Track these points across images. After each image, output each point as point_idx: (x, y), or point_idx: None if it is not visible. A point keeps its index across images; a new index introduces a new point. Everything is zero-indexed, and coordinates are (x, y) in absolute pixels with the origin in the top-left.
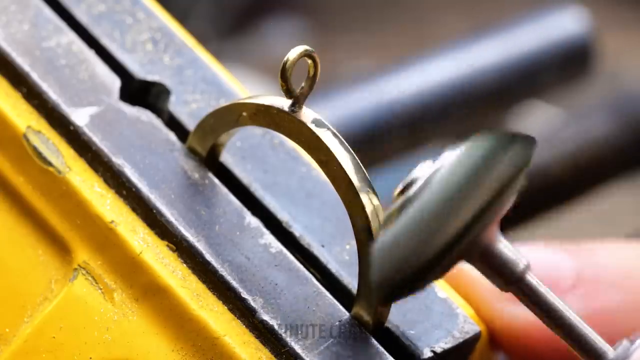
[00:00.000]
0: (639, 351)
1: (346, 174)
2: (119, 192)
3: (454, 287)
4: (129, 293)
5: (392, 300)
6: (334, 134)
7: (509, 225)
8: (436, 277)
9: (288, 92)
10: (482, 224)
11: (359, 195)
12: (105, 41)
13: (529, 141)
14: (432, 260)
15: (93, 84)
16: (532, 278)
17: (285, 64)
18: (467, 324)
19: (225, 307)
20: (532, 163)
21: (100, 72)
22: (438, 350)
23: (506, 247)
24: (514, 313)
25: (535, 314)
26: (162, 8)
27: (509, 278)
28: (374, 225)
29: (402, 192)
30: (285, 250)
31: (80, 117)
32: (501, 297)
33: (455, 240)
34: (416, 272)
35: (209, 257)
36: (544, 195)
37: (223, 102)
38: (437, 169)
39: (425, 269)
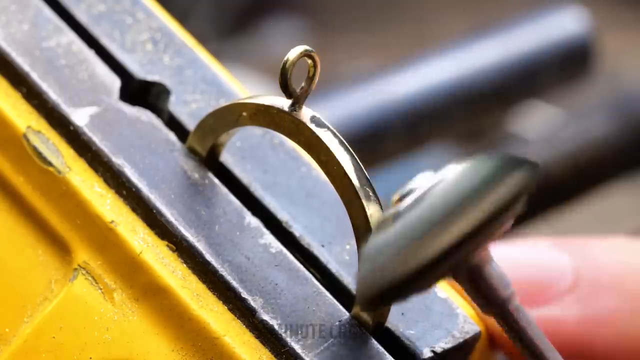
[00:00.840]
0: None
1: (346, 174)
2: (119, 192)
3: (454, 287)
4: (129, 293)
5: (374, 308)
6: (334, 134)
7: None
8: (421, 290)
9: (288, 92)
10: (472, 244)
11: (359, 195)
12: (105, 41)
13: (533, 167)
14: (416, 273)
15: (93, 84)
16: (515, 306)
17: (285, 64)
18: (467, 324)
19: (225, 307)
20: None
21: (100, 72)
22: (438, 350)
23: (496, 270)
24: None
25: (513, 341)
26: (162, 8)
27: (492, 301)
28: (373, 225)
29: (400, 199)
30: (285, 250)
31: (80, 117)
32: None
33: (443, 256)
34: (399, 283)
35: (209, 257)
36: (544, 195)
37: (223, 102)
38: (436, 182)
39: (409, 280)
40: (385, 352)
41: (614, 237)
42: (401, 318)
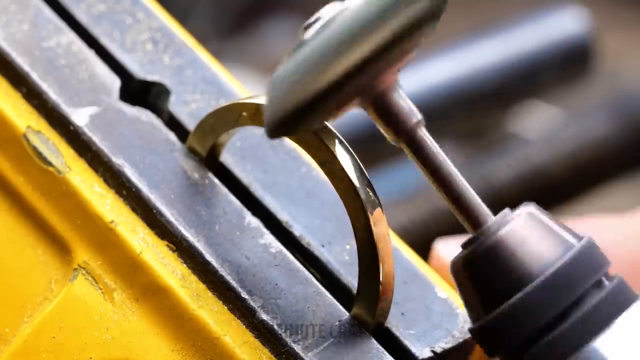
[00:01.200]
0: (517, 219)
1: (346, 174)
2: (119, 192)
3: (454, 287)
4: (129, 293)
5: (282, 133)
6: (334, 134)
7: None
8: (328, 114)
9: None
10: (374, 67)
11: (359, 195)
12: (105, 41)
13: None
14: (320, 93)
15: (93, 84)
16: (424, 134)
17: None
18: (467, 324)
19: (225, 307)
20: (530, 161)
21: (100, 72)
22: (438, 350)
23: (402, 98)
24: None
25: (423, 172)
26: (162, 8)
27: (400, 129)
28: (374, 225)
29: (305, 29)
30: (285, 250)
31: (80, 117)
32: None
33: (346, 77)
34: (304, 104)
35: (209, 257)
36: (544, 195)
37: (223, 102)
38: (341, 10)
39: (314, 102)
40: (385, 352)
41: (595, 216)
42: (401, 318)
